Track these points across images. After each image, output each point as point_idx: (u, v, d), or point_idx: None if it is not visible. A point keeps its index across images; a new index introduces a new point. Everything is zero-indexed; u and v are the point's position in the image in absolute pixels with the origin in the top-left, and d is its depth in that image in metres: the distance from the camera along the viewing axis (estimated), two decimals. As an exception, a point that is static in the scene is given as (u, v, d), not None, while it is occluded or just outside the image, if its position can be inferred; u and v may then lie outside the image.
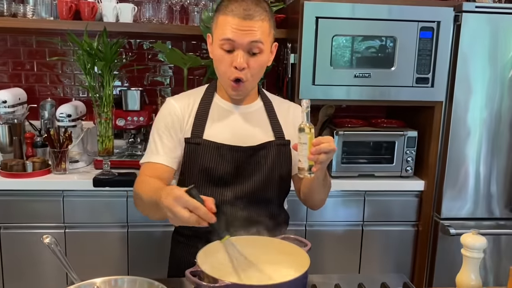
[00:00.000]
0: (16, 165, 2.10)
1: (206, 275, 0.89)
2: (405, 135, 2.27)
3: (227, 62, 1.27)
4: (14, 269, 2.12)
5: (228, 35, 1.24)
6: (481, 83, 2.14)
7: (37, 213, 2.09)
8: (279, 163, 1.37)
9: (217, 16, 1.29)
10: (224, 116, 1.38)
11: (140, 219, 2.13)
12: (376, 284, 1.15)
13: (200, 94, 1.42)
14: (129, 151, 2.43)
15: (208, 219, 0.97)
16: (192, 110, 1.38)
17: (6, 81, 2.60)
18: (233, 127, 1.37)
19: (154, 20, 2.34)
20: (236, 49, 1.25)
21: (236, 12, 1.23)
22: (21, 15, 2.26)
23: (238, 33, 1.23)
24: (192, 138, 1.34)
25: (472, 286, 1.08)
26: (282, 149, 1.39)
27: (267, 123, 1.41)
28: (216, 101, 1.41)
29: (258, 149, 1.36)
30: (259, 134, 1.38)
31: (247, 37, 1.24)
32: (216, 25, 1.29)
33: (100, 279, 1.03)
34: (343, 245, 2.29)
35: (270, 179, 1.36)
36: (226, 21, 1.24)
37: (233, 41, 1.24)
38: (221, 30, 1.26)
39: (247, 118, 1.39)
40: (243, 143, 1.35)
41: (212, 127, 1.36)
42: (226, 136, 1.35)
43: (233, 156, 1.33)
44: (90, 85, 2.04)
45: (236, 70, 1.27)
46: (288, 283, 0.88)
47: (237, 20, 1.23)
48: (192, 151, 1.34)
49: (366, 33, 2.11)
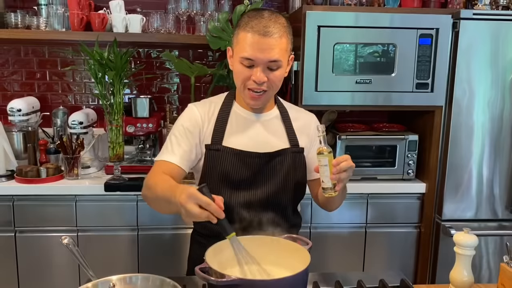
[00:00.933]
0: (31, 171, 2.18)
1: (214, 271, 0.96)
2: (406, 139, 2.33)
3: (246, 76, 1.33)
4: (29, 271, 2.19)
5: (247, 54, 1.29)
6: (480, 88, 2.19)
7: (51, 217, 2.17)
8: (294, 169, 1.44)
9: (238, 31, 1.34)
10: (242, 124, 1.44)
11: (150, 222, 2.21)
12: (374, 281, 1.22)
13: (220, 102, 1.48)
14: (138, 156, 2.51)
15: (218, 215, 1.05)
16: (212, 117, 1.44)
17: (19, 90, 2.70)
18: (251, 134, 1.43)
19: (162, 30, 2.42)
20: (255, 65, 1.31)
21: (256, 29, 1.28)
22: (34, 27, 2.35)
23: (257, 52, 1.28)
24: (212, 144, 1.41)
25: (465, 282, 1.14)
26: (297, 156, 1.45)
27: (283, 131, 1.47)
28: (234, 109, 1.46)
29: (275, 156, 1.42)
30: (275, 141, 1.44)
31: (266, 56, 1.29)
32: (237, 40, 1.34)
33: (116, 276, 1.10)
34: (346, 246, 2.35)
35: (286, 184, 1.43)
36: (246, 38, 1.29)
37: (253, 60, 1.30)
38: (241, 47, 1.31)
39: (264, 125, 1.45)
40: (260, 150, 1.41)
41: (231, 134, 1.42)
42: (244, 143, 1.41)
43: (251, 162, 1.40)
44: (101, 93, 2.12)
45: (253, 82, 1.33)
46: (290, 278, 0.95)
47: (257, 37, 1.28)
48: (212, 157, 1.40)
49: (366, 40, 2.18)
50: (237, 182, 1.39)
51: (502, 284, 1.07)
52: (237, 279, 0.92)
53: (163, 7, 2.57)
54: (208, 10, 2.48)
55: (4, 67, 2.67)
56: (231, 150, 1.40)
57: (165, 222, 2.22)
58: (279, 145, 1.44)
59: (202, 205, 1.04)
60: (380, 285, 1.20)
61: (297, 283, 0.99)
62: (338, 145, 2.30)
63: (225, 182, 1.40)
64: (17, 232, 2.16)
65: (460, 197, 2.28)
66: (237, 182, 1.39)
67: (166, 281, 1.07)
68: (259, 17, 1.31)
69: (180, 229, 2.23)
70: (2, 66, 2.67)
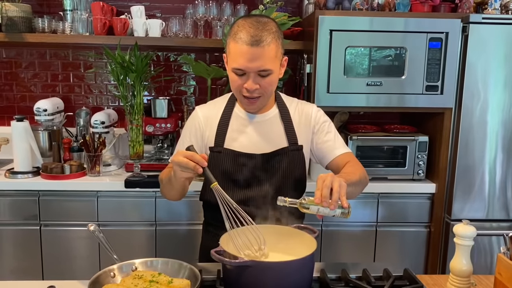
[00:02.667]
0: (55, 168, 2.30)
1: (228, 254, 1.05)
2: (416, 140, 2.38)
3: (239, 84, 1.39)
4: (52, 263, 2.31)
5: (237, 65, 1.34)
6: (490, 90, 2.24)
7: (74, 212, 2.28)
8: (292, 167, 1.51)
9: (228, 41, 1.38)
10: (242, 125, 1.51)
11: (167, 218, 2.30)
12: (379, 271, 1.28)
13: (223, 103, 1.55)
14: (157, 155, 2.61)
15: (202, 164, 1.19)
16: (215, 119, 1.52)
17: (44, 91, 2.83)
18: (249, 135, 1.50)
19: (181, 35, 2.52)
20: (246, 74, 1.36)
21: (244, 39, 1.31)
22: (60, 31, 2.47)
23: (247, 62, 1.33)
24: (215, 147, 1.49)
25: (464, 271, 1.19)
26: (296, 154, 1.52)
27: (281, 130, 1.52)
28: (236, 110, 1.53)
29: (273, 156, 1.49)
30: (273, 141, 1.50)
31: (256, 66, 1.33)
32: (228, 50, 1.39)
33: (138, 260, 1.19)
34: (357, 245, 2.40)
35: (285, 182, 1.50)
36: (236, 49, 1.34)
37: (243, 70, 1.35)
38: (232, 58, 1.36)
39: (263, 126, 1.51)
40: (259, 150, 1.48)
41: (232, 136, 1.49)
42: (244, 144, 1.49)
43: (250, 162, 1.47)
44: (123, 94, 2.22)
45: (246, 90, 1.39)
46: (296, 262, 1.02)
47: (246, 48, 1.31)
48: (214, 158, 1.49)
49: (378, 44, 2.24)
50: (238, 181, 1.48)
51: (499, 273, 1.13)
52: (249, 261, 1.00)
53: (182, 12, 2.68)
54: (225, 15, 2.57)
55: (30, 69, 2.80)
56: (231, 152, 1.48)
57: (182, 218, 2.31)
58: (277, 144, 1.50)
59: (188, 156, 1.20)
60: (384, 274, 1.27)
61: (304, 267, 1.06)
62: (350, 145, 2.36)
63: (227, 182, 1.48)
64: (42, 226, 2.28)
65: (470, 197, 2.32)
66: (238, 181, 1.48)
67: (183, 264, 1.16)
68: (247, 27, 1.33)
69: (196, 225, 2.32)
70: (28, 68, 2.80)
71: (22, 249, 2.29)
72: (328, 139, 1.56)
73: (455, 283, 1.21)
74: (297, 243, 1.19)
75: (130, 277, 1.11)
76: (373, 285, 1.20)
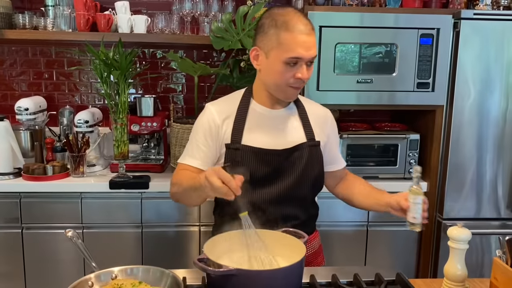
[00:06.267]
0: (37, 168, 2.22)
1: (212, 262, 0.99)
2: (407, 138, 2.35)
3: (290, 74, 1.34)
4: (35, 267, 2.24)
5: (296, 54, 1.30)
6: (482, 87, 2.21)
7: (57, 214, 2.21)
8: (311, 163, 1.47)
9: (277, 33, 1.32)
10: (260, 121, 1.45)
11: (154, 220, 2.25)
12: (371, 275, 1.24)
13: (237, 99, 1.49)
14: (143, 155, 2.55)
15: (236, 192, 1.12)
16: (230, 115, 1.45)
17: (26, 90, 2.75)
18: (268, 130, 1.45)
19: (167, 31, 2.46)
20: (299, 63, 1.33)
21: (299, 28, 1.30)
22: (41, 28, 2.40)
23: (305, 50, 1.31)
24: (232, 143, 1.42)
25: (458, 275, 1.15)
26: (314, 150, 1.48)
27: (299, 125, 1.49)
28: (252, 106, 1.47)
29: (292, 151, 1.44)
30: (292, 136, 1.46)
31: (311, 54, 1.32)
32: (279, 41, 1.31)
33: (117, 268, 1.13)
34: (348, 245, 2.37)
35: (304, 178, 1.45)
36: (292, 39, 1.30)
37: (301, 58, 1.32)
38: (287, 48, 1.31)
39: (282, 121, 1.47)
40: (278, 146, 1.43)
41: (250, 132, 1.43)
42: (263, 140, 1.43)
43: (270, 159, 1.42)
44: (107, 92, 2.16)
45: (299, 80, 1.35)
46: (285, 269, 0.98)
47: (303, 37, 1.30)
48: (232, 155, 1.43)
49: (368, 40, 2.20)
50: (257, 179, 1.41)
51: (495, 277, 1.09)
52: (234, 270, 0.95)
53: (168, 8, 2.61)
54: (212, 11, 2.51)
55: (12, 67, 2.72)
56: (250, 149, 1.42)
57: (169, 219, 2.25)
58: (296, 140, 1.46)
59: (224, 180, 1.11)
60: (376, 279, 1.23)
61: (293, 274, 1.01)
62: (340, 144, 2.32)
63: (245, 179, 1.41)
64: (24, 229, 2.21)
65: (462, 196, 2.29)
66: (257, 179, 1.41)
67: (166, 272, 1.10)
68: (297, 16, 1.33)
69: (183, 227, 2.26)
70: (11, 66, 2.72)
71: (3, 253, 2.21)
72: (336, 149, 1.61)
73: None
74: (285, 248, 1.14)
75: (108, 286, 1.06)
76: (364, 290, 1.16)
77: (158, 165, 2.41)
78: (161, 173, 2.39)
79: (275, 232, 1.18)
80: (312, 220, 1.58)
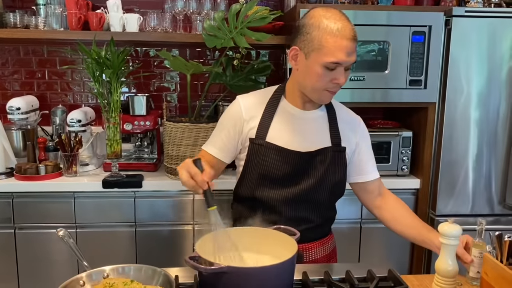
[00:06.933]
0: (30, 168, 2.21)
1: (203, 260, 0.99)
2: (400, 135, 2.35)
3: (328, 78, 1.32)
4: (28, 267, 2.23)
5: (337, 59, 1.28)
6: (474, 84, 2.22)
7: (50, 214, 2.20)
8: (333, 168, 1.44)
9: (319, 35, 1.29)
10: (288, 120, 1.44)
11: (148, 219, 2.24)
12: (363, 271, 1.24)
13: (268, 96, 1.48)
14: (136, 154, 2.55)
15: (202, 186, 1.13)
16: (259, 110, 1.44)
17: (18, 89, 2.73)
18: (295, 131, 1.43)
19: (159, 29, 2.45)
20: (338, 67, 1.30)
21: (344, 33, 1.27)
22: (33, 27, 2.38)
23: (346, 56, 1.28)
24: (256, 139, 1.42)
25: (449, 271, 1.16)
26: (338, 155, 1.45)
27: (326, 129, 1.46)
28: (282, 104, 1.46)
29: (315, 155, 1.42)
30: (317, 139, 1.44)
31: (351, 60, 1.31)
32: (320, 43, 1.29)
33: (109, 267, 1.13)
34: (342, 242, 2.34)
35: (323, 183, 1.43)
36: (335, 43, 1.27)
37: (341, 64, 1.29)
38: (328, 52, 1.28)
39: (309, 123, 1.45)
40: (302, 148, 1.41)
41: (276, 130, 1.42)
42: (288, 140, 1.41)
43: (292, 159, 1.40)
44: (99, 91, 2.15)
45: (337, 85, 1.33)
46: (276, 266, 0.98)
47: (347, 42, 1.27)
48: (254, 151, 1.42)
49: (360, 38, 2.17)
50: (276, 178, 1.41)
51: (486, 272, 1.10)
52: (225, 267, 0.95)
53: (160, 7, 2.60)
54: (204, 9, 2.51)
55: (4, 66, 2.71)
56: (274, 146, 1.41)
57: (163, 218, 2.25)
58: (321, 144, 1.44)
59: (191, 175, 1.14)
60: (368, 275, 1.23)
61: (284, 271, 1.02)
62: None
63: (264, 177, 1.42)
64: (16, 229, 2.20)
65: (455, 193, 2.30)
66: (276, 178, 1.41)
67: (158, 270, 1.10)
68: (342, 20, 1.30)
69: (177, 225, 2.26)
70: (3, 65, 2.70)
71: (-4, 254, 2.21)
72: (366, 158, 1.54)
73: (441, 284, 1.18)
74: (277, 246, 1.14)
75: (100, 285, 1.05)
76: (356, 287, 1.16)
77: (152, 164, 2.41)
78: (154, 172, 2.39)
79: (266, 230, 1.18)
80: (328, 224, 1.56)
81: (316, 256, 1.48)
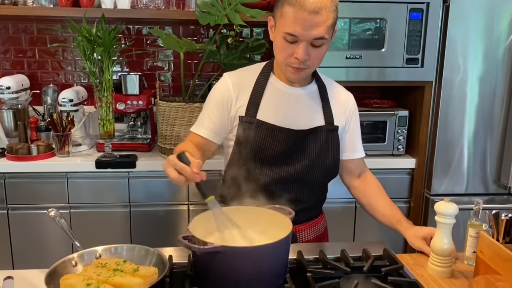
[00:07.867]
0: (22, 148, 2.18)
1: (197, 240, 0.98)
2: (396, 115, 2.33)
3: (289, 52, 1.27)
4: (23, 248, 2.22)
5: (292, 30, 1.22)
6: (471, 63, 2.19)
7: (43, 195, 2.18)
8: (326, 147, 1.41)
9: (282, 3, 1.25)
10: (278, 97, 1.39)
11: (142, 199, 2.23)
12: (358, 250, 1.24)
13: (257, 72, 1.43)
14: (129, 134, 2.52)
15: (193, 179, 1.06)
16: (247, 87, 1.39)
17: (9, 68, 2.67)
18: (286, 108, 1.39)
19: (151, 6, 2.39)
20: (298, 41, 1.24)
21: (305, 5, 1.20)
22: (21, 3, 2.31)
23: (303, 29, 1.21)
24: (246, 117, 1.37)
25: (445, 249, 1.16)
26: (331, 134, 1.42)
27: (319, 107, 1.42)
28: (271, 81, 1.41)
29: (308, 133, 1.38)
30: (310, 118, 1.40)
31: (311, 34, 1.22)
32: (281, 14, 1.25)
33: (102, 247, 1.11)
34: (337, 222, 2.36)
35: (317, 162, 1.40)
36: (292, 14, 1.22)
37: (297, 36, 1.23)
38: (285, 22, 1.23)
39: (300, 100, 1.40)
40: (294, 126, 1.37)
41: (266, 107, 1.37)
42: (279, 117, 1.37)
43: (284, 138, 1.36)
44: (90, 70, 2.10)
45: (296, 61, 1.27)
46: (271, 245, 0.96)
47: (305, 14, 1.20)
48: (245, 129, 1.37)
49: (357, 15, 2.16)
50: (268, 157, 1.37)
51: (481, 251, 1.09)
52: (219, 247, 0.93)
53: (152, -17, 2.54)
54: (198, -14, 2.44)
55: (-8, 45, 2.65)
56: (264, 124, 1.36)
57: (157, 198, 2.23)
58: (313, 122, 1.40)
59: (179, 170, 1.06)
60: (363, 254, 1.22)
61: (279, 250, 1.00)
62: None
63: (256, 156, 1.37)
64: (9, 210, 2.18)
65: (450, 172, 2.30)
66: (268, 156, 1.37)
67: (151, 250, 1.09)
68: None
69: (172, 206, 2.25)
70: (-10, 44, 2.65)
71: (-11, 235, 2.19)
72: (355, 136, 1.52)
73: (436, 263, 1.17)
74: (272, 225, 1.12)
75: (92, 265, 1.04)
76: (351, 266, 1.15)
77: (145, 144, 2.38)
78: (148, 152, 2.36)
79: (261, 209, 1.16)
80: (319, 204, 1.54)
81: (308, 237, 1.47)
